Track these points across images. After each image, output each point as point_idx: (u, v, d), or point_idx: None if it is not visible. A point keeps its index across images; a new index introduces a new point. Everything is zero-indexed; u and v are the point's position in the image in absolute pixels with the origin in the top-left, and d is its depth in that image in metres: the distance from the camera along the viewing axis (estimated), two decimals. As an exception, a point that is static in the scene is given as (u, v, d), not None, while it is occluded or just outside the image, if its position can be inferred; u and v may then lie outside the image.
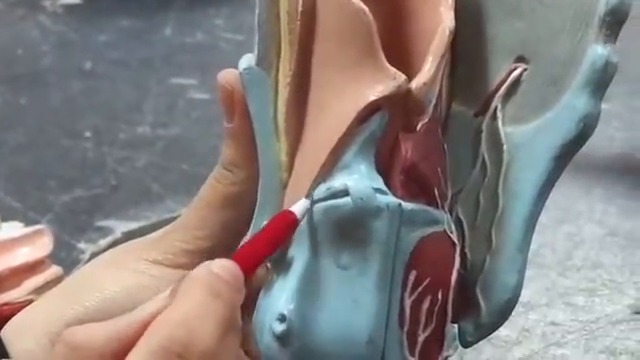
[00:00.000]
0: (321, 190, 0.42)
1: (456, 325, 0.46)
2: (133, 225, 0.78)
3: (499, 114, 0.45)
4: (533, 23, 0.44)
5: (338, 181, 0.42)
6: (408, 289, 0.42)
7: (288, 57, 0.45)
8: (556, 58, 0.44)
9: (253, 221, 0.46)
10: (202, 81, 0.98)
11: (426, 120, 0.43)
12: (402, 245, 0.42)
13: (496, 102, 0.45)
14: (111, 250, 0.51)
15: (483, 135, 0.46)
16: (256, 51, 0.45)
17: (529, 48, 0.45)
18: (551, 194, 0.45)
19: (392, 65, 0.43)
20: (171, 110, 0.94)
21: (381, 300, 0.42)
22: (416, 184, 0.43)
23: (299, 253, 0.42)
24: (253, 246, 0.42)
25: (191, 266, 0.45)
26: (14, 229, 0.68)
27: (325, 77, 0.44)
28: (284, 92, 0.45)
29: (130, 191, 0.83)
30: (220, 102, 0.47)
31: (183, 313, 0.39)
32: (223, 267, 0.40)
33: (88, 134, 0.90)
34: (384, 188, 0.42)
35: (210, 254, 0.46)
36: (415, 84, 0.43)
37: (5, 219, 0.69)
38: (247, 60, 0.46)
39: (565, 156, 0.44)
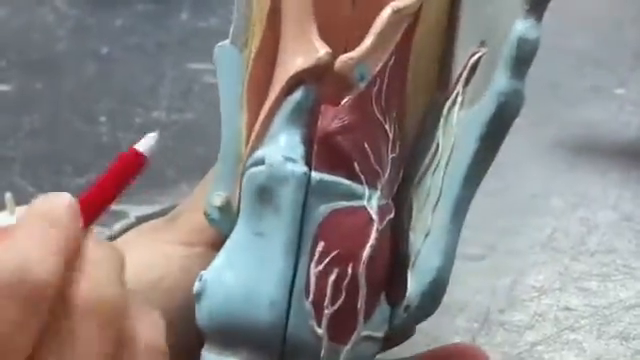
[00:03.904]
0: (250, 159, 0.45)
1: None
2: (147, 209, 0.78)
3: (459, 99, 0.45)
4: (499, 7, 0.44)
5: (262, 150, 0.44)
6: (315, 259, 0.43)
7: (259, 36, 0.46)
8: (499, 39, 0.43)
9: (208, 195, 0.47)
10: (217, 66, 0.98)
11: (355, 95, 0.44)
12: (311, 214, 0.43)
13: (458, 88, 0.45)
14: (124, 234, 0.51)
15: (441, 120, 0.46)
16: (232, 30, 0.47)
17: (489, 32, 0.44)
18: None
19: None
20: (186, 95, 0.94)
21: (285, 266, 0.43)
22: (331, 156, 0.43)
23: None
24: (97, 188, 0.42)
25: (202, 244, 0.46)
26: (29, 213, 0.68)
27: (280, 54, 0.45)
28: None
29: (144, 175, 0.83)
30: None
31: (12, 241, 0.37)
32: (60, 196, 0.40)
33: (103, 118, 0.90)
34: (295, 157, 0.43)
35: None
36: (339, 59, 0.44)
37: (20, 203, 0.69)
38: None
39: (490, 136, 0.43)
